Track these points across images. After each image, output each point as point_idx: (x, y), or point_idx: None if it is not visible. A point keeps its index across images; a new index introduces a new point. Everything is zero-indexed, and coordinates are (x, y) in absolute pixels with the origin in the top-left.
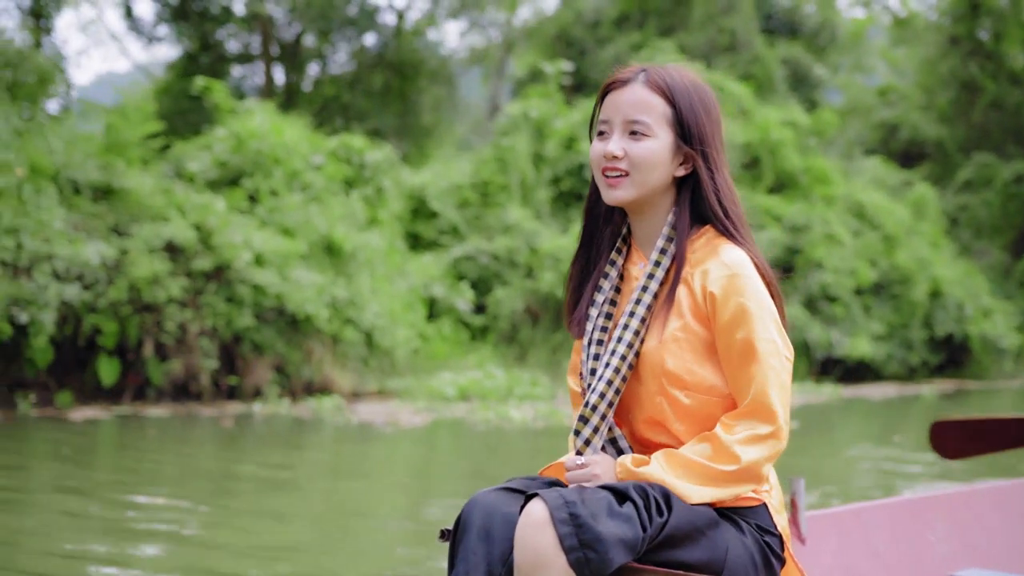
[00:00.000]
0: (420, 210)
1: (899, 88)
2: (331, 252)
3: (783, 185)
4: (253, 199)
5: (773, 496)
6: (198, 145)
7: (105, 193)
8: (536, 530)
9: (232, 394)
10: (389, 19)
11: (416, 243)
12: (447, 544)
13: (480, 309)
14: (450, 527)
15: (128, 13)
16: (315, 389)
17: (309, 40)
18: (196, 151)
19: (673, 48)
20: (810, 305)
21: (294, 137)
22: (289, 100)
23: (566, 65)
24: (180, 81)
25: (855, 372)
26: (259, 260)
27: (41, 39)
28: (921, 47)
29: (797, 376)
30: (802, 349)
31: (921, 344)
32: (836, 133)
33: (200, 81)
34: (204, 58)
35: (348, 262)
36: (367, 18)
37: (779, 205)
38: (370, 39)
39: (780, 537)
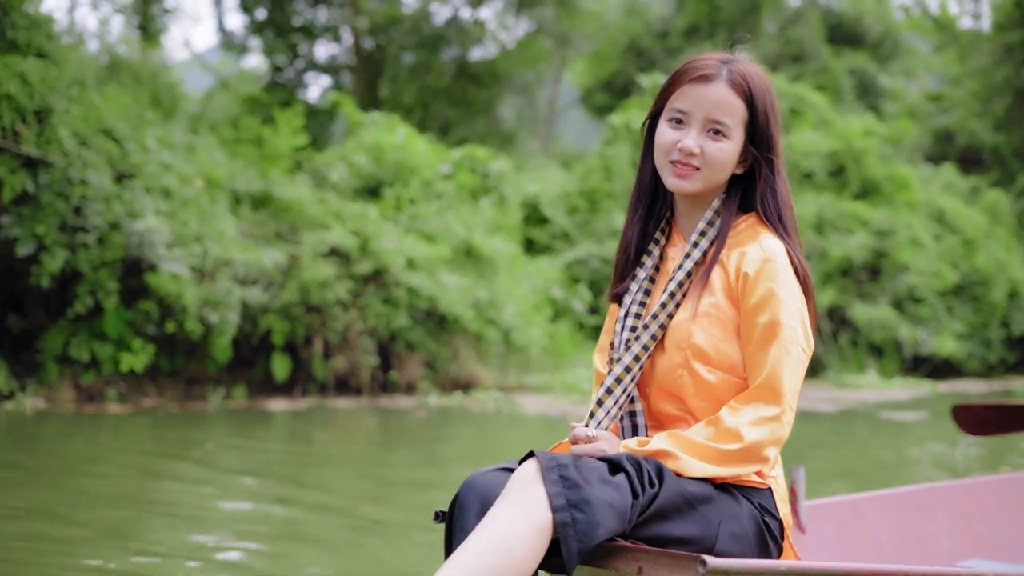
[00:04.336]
0: (532, 216)
1: (952, 95)
2: (470, 256)
3: (867, 192)
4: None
5: (779, 484)
6: (335, 156)
7: (263, 202)
8: (526, 484)
9: (385, 388)
10: (466, 30)
11: (530, 247)
12: (443, 525)
13: (593, 310)
14: (444, 509)
15: (220, 26)
16: (461, 384)
17: (391, 50)
18: (332, 161)
19: (751, 58)
20: (898, 306)
21: (423, 148)
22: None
23: (660, 77)
24: (273, 91)
25: (938, 369)
26: (410, 264)
27: (149, 54)
28: (975, 55)
29: (888, 373)
30: (893, 347)
31: (999, 343)
32: (908, 141)
33: (332, 95)
34: (291, 69)
35: (485, 266)
36: (450, 30)
37: (865, 211)
38: (450, 50)
39: (781, 523)
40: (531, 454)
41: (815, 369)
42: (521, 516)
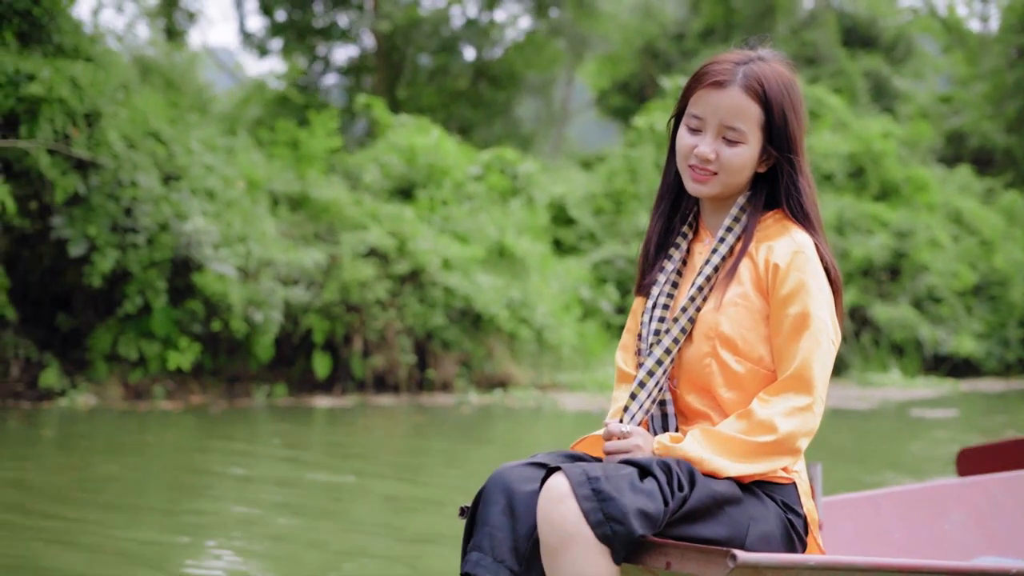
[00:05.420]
0: (558, 217)
1: (962, 96)
2: (503, 257)
3: (887, 193)
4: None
5: (802, 479)
6: (367, 157)
7: (300, 203)
8: (558, 505)
9: (421, 386)
10: (484, 32)
11: (557, 248)
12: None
13: (620, 310)
14: (468, 505)
15: (242, 28)
16: (495, 382)
17: (409, 53)
18: (364, 163)
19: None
20: (918, 305)
21: (453, 150)
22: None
23: (682, 80)
24: (297, 92)
25: (957, 368)
26: (446, 264)
27: (178, 56)
28: (987, 57)
29: (910, 372)
30: (914, 346)
31: (1017, 342)
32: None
33: (362, 98)
34: (310, 71)
35: (517, 266)
36: (470, 32)
37: (885, 212)
38: (467, 52)
39: (804, 519)
40: (558, 468)
41: (838, 368)
42: (582, 567)
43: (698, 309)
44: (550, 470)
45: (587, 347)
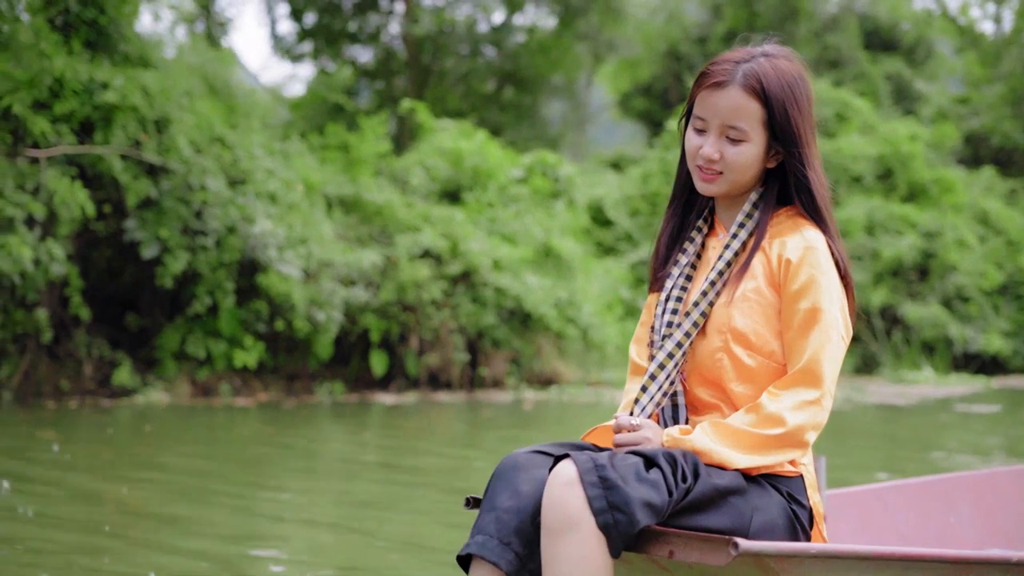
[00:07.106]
0: (596, 218)
1: (978, 98)
2: (549, 257)
3: (914, 195)
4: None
5: (809, 472)
6: (412, 160)
7: (353, 206)
8: (565, 490)
9: (472, 383)
10: (511, 34)
11: (596, 248)
12: (475, 511)
13: None
14: (476, 495)
15: (273, 32)
16: (544, 380)
17: (439, 57)
18: (410, 166)
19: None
20: (947, 304)
21: (497, 153)
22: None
23: None
24: (327, 95)
25: (985, 366)
26: (496, 265)
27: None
28: (1005, 59)
29: (941, 369)
30: (944, 345)
31: None
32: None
33: (406, 103)
34: (340, 74)
35: (563, 267)
36: (495, 36)
37: (913, 213)
38: (495, 56)
39: (810, 511)
40: (566, 455)
41: (870, 366)
42: (580, 553)
43: (711, 303)
44: (559, 457)
45: (629, 346)
